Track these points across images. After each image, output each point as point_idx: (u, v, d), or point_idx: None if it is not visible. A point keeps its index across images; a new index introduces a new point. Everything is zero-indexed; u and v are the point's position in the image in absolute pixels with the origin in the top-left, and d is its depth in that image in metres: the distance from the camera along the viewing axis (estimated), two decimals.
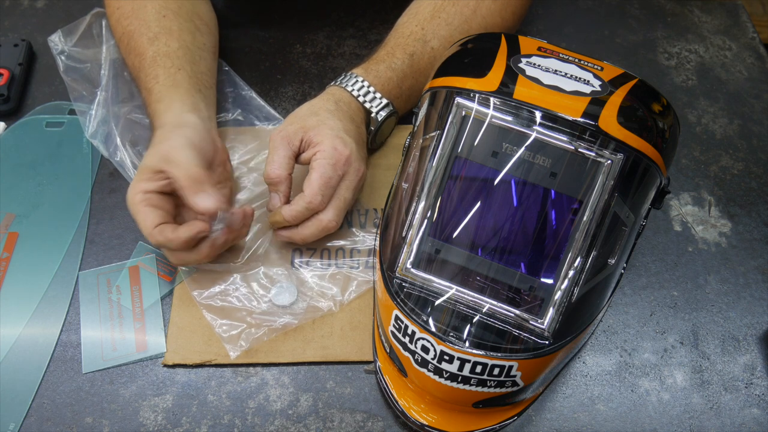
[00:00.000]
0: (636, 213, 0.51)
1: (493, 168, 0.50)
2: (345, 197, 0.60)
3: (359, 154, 0.61)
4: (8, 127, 0.73)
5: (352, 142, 0.60)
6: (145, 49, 0.65)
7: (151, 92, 0.63)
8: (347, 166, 0.59)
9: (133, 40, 0.66)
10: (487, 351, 0.48)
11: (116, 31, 0.70)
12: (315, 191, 0.58)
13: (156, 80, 0.63)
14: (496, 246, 0.50)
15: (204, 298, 0.60)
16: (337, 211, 0.60)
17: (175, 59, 0.64)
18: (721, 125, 0.76)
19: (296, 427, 0.55)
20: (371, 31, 0.84)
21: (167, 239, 0.55)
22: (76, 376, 0.57)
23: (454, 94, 0.52)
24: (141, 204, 0.56)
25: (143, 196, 0.56)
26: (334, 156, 0.58)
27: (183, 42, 0.66)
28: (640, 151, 0.49)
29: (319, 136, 0.59)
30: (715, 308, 0.63)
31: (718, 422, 0.56)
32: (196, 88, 0.64)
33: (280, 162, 0.59)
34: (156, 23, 0.66)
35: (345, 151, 0.59)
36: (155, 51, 0.65)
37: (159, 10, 0.67)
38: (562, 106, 0.49)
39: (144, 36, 0.66)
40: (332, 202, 0.60)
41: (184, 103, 0.62)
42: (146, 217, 0.56)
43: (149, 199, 0.56)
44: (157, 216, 0.56)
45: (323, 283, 0.62)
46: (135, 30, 0.66)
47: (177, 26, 0.67)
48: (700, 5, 0.89)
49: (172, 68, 0.64)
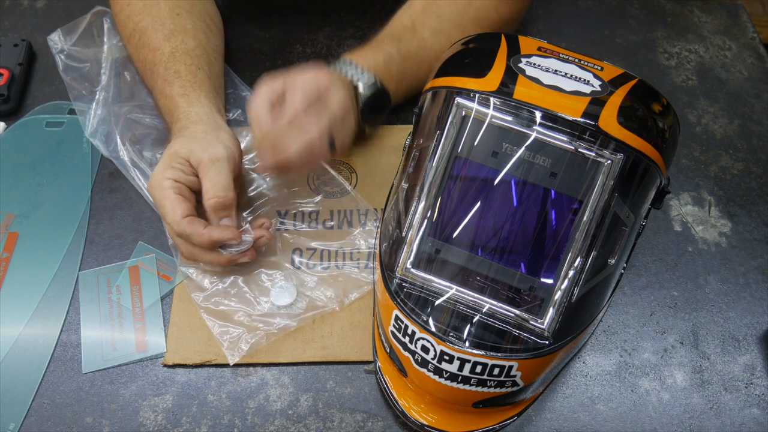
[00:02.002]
0: (636, 213, 0.51)
1: (493, 168, 0.50)
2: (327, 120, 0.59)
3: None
4: (8, 127, 0.73)
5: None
6: (160, 44, 0.64)
7: (172, 84, 0.62)
8: (327, 93, 0.59)
9: (146, 35, 0.66)
10: (487, 351, 0.48)
11: (126, 27, 0.69)
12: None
13: (177, 74, 0.63)
14: (496, 246, 0.50)
15: (204, 301, 0.60)
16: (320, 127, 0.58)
17: (194, 58, 0.64)
18: (721, 125, 0.76)
19: (296, 427, 0.55)
20: (371, 31, 0.83)
21: (196, 233, 0.55)
22: (76, 376, 0.57)
23: (454, 94, 0.52)
24: (171, 190, 0.55)
25: (172, 183, 0.56)
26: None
27: (199, 41, 0.66)
28: (640, 151, 0.49)
29: None
30: (715, 308, 0.63)
31: (718, 422, 0.56)
32: (214, 90, 0.64)
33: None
34: (170, 21, 0.66)
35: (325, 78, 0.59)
36: (173, 47, 0.64)
37: (173, 8, 0.66)
38: (562, 106, 0.49)
39: (159, 32, 0.65)
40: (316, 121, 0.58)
41: (211, 102, 0.62)
42: (176, 206, 0.55)
43: (179, 189, 0.56)
44: (186, 207, 0.56)
45: (323, 283, 0.62)
46: (148, 26, 0.66)
47: (191, 25, 0.66)
48: (700, 5, 0.89)
49: (193, 66, 0.63)
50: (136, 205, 0.67)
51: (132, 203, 0.67)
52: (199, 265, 0.61)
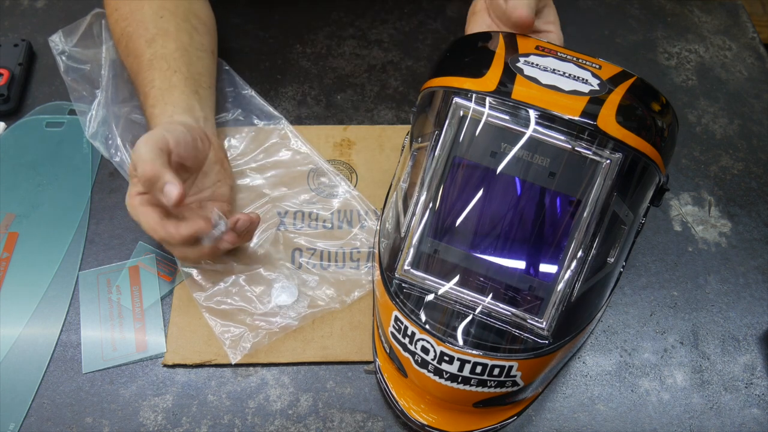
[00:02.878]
0: (635, 211, 0.51)
1: (491, 168, 0.50)
2: None
3: None
4: (8, 127, 0.73)
5: None
6: (142, 52, 0.65)
7: (147, 97, 0.64)
8: None
9: (132, 41, 0.67)
10: (486, 351, 0.48)
11: (115, 32, 0.70)
12: None
13: (152, 84, 0.64)
14: (495, 246, 0.50)
15: (205, 301, 0.60)
16: None
17: (171, 61, 0.64)
18: (721, 125, 0.76)
19: (296, 427, 0.55)
20: (371, 31, 0.84)
21: (169, 234, 0.55)
22: (76, 376, 0.57)
23: (452, 94, 0.51)
24: (140, 206, 0.56)
25: (140, 198, 0.56)
26: None
27: (180, 43, 0.66)
28: (638, 150, 0.49)
29: None
30: (715, 308, 0.63)
31: (718, 422, 0.56)
32: (192, 90, 0.64)
33: None
34: (153, 24, 0.66)
35: None
36: (152, 53, 0.65)
37: (156, 11, 0.67)
38: (560, 106, 0.49)
39: (142, 38, 0.66)
40: None
41: (176, 105, 0.62)
42: (147, 216, 0.56)
43: (147, 199, 0.57)
44: (157, 213, 0.56)
45: (324, 283, 0.62)
46: (133, 32, 0.67)
47: (174, 27, 0.67)
48: (700, 5, 0.89)
49: (168, 71, 0.64)
50: None
51: None
52: (200, 265, 0.61)
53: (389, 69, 0.80)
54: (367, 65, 0.80)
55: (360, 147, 0.72)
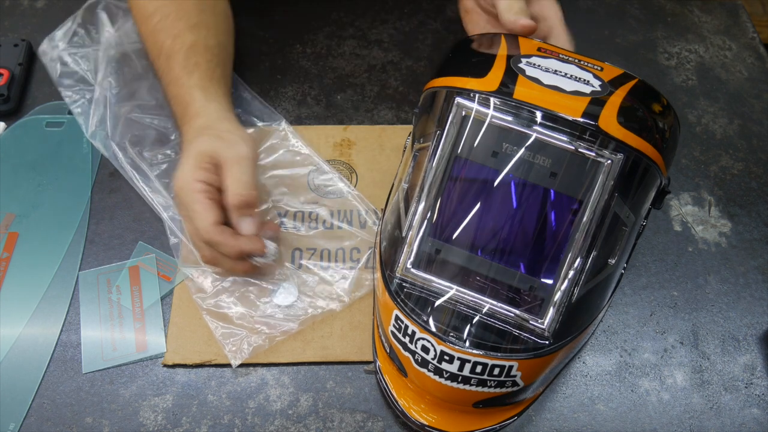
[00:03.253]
0: (636, 213, 0.51)
1: (493, 168, 0.50)
2: None
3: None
4: (8, 127, 0.73)
5: None
6: (182, 33, 0.63)
7: (192, 75, 0.62)
8: None
9: (168, 20, 0.65)
10: (487, 351, 0.48)
11: (145, 7, 0.67)
12: None
13: (197, 66, 0.62)
14: (496, 246, 0.50)
15: (206, 302, 0.60)
16: None
17: (213, 56, 0.64)
18: (721, 125, 0.76)
19: (296, 427, 0.55)
20: (371, 31, 0.84)
21: (225, 242, 0.55)
22: (76, 376, 0.57)
23: (454, 94, 0.51)
24: (202, 194, 0.55)
25: (204, 187, 0.55)
26: None
27: (219, 40, 0.66)
28: (640, 151, 0.49)
29: None
30: (715, 308, 0.63)
31: (718, 422, 0.56)
32: (228, 91, 0.64)
33: None
34: (196, 15, 0.65)
35: None
36: (195, 39, 0.63)
37: (197, 3, 0.66)
38: (562, 106, 0.49)
39: (182, 21, 0.64)
40: None
41: (228, 101, 0.61)
42: (207, 211, 0.55)
43: (210, 192, 0.55)
44: (217, 213, 0.55)
45: (324, 283, 0.62)
46: (172, 12, 0.65)
47: (214, 23, 0.66)
48: (700, 5, 0.89)
49: (212, 63, 0.63)
50: (136, 205, 0.67)
51: (132, 203, 0.67)
52: (199, 266, 0.61)
53: (389, 69, 0.80)
54: (367, 65, 0.80)
55: (360, 147, 0.72)
